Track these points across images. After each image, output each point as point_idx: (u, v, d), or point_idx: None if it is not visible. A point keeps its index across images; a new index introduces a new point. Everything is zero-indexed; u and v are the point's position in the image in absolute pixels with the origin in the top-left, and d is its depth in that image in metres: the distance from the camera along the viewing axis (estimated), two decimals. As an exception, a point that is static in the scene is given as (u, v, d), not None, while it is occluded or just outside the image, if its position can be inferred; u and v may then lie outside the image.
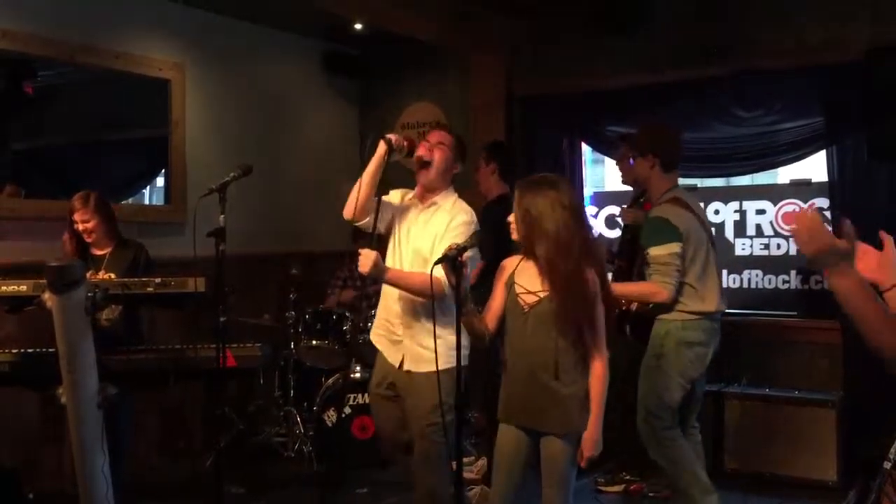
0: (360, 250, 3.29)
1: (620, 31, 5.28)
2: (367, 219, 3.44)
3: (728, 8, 5.25)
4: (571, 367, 2.99)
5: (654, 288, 3.86)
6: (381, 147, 3.38)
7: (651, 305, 3.99)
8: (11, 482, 4.21)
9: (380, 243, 3.46)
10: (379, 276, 3.36)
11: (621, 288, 4.01)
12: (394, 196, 3.60)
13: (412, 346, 3.42)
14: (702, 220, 4.02)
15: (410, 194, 3.59)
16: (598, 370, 3.01)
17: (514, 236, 3.08)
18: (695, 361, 3.92)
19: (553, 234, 2.94)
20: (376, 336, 3.61)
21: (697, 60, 5.26)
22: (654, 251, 3.86)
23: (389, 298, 3.51)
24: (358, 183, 3.42)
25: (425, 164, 3.43)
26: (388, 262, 3.48)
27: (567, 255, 2.94)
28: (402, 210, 3.54)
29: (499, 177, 5.02)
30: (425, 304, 3.31)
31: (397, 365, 3.47)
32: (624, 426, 4.78)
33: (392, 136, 3.41)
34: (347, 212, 3.48)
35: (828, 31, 4.97)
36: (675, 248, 3.83)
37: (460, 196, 3.56)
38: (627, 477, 4.82)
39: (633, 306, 4.19)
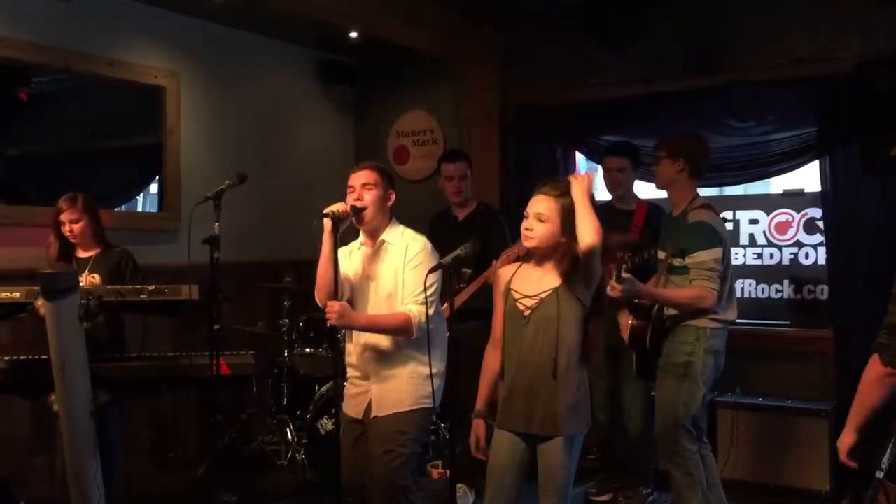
0: (327, 303, 3.21)
1: (614, 42, 5.31)
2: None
3: (720, 21, 5.27)
4: (572, 368, 3.00)
5: (702, 292, 3.72)
6: (327, 224, 3.22)
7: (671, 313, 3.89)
8: (3, 490, 4.20)
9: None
10: (350, 324, 3.32)
11: (669, 293, 3.88)
12: (342, 256, 3.39)
13: (379, 390, 3.34)
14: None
15: (357, 244, 3.48)
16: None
17: (531, 243, 3.05)
18: (714, 371, 3.85)
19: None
20: (347, 384, 3.51)
21: (689, 72, 5.29)
22: (700, 255, 3.74)
23: (356, 345, 3.42)
24: (320, 268, 3.29)
25: (359, 211, 3.30)
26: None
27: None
28: (355, 263, 3.44)
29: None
30: (399, 344, 3.30)
31: (361, 416, 3.39)
32: (611, 439, 4.82)
33: (331, 209, 3.23)
34: (320, 298, 3.33)
35: (818, 45, 4.99)
36: (718, 253, 3.76)
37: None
38: (616, 485, 4.85)
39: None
